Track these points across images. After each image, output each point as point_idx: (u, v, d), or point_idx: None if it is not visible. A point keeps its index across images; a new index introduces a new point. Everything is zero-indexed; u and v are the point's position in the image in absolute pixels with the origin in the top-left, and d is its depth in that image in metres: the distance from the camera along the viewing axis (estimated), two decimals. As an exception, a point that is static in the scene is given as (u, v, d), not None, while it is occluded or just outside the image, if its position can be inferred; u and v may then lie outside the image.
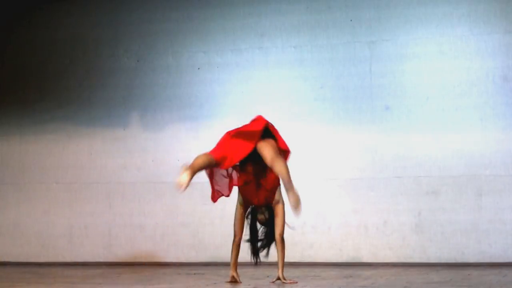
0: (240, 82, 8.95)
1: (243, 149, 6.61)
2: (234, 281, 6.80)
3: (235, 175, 6.85)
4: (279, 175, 6.50)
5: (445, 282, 6.66)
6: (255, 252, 6.83)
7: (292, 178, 6.31)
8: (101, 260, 9.15)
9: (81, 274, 8.08)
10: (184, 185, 6.26)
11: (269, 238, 6.77)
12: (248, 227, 6.82)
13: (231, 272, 6.81)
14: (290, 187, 6.30)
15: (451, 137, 8.33)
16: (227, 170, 6.82)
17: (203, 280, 7.15)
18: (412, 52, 8.48)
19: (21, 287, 6.85)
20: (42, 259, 9.33)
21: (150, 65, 9.21)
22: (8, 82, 9.63)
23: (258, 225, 6.82)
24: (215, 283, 6.86)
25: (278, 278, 6.75)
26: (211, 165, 6.62)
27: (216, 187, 6.88)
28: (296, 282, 6.70)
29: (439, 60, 8.40)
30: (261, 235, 6.83)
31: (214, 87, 9.01)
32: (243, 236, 6.81)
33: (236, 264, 6.82)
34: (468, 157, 8.27)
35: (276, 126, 6.84)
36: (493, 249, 8.16)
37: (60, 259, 9.29)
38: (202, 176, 8.85)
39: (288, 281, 6.70)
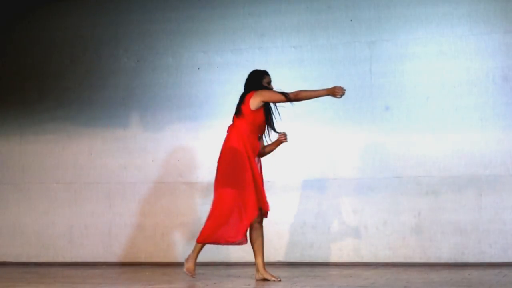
0: (240, 82, 8.88)
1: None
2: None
3: None
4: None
5: (445, 282, 6.66)
6: None
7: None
8: (101, 260, 9.15)
9: (81, 274, 8.08)
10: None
11: None
12: None
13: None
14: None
15: (451, 137, 8.32)
16: None
17: (203, 280, 7.15)
18: (412, 52, 8.48)
19: (21, 287, 6.85)
20: (42, 259, 9.33)
21: (150, 65, 9.21)
22: (8, 82, 9.63)
23: None
24: (215, 283, 6.86)
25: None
26: None
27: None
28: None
29: (439, 60, 8.40)
30: None
31: (214, 87, 9.00)
32: None
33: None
34: (468, 157, 8.26)
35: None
36: (493, 249, 8.15)
37: (60, 259, 9.29)
38: (202, 175, 8.92)
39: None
